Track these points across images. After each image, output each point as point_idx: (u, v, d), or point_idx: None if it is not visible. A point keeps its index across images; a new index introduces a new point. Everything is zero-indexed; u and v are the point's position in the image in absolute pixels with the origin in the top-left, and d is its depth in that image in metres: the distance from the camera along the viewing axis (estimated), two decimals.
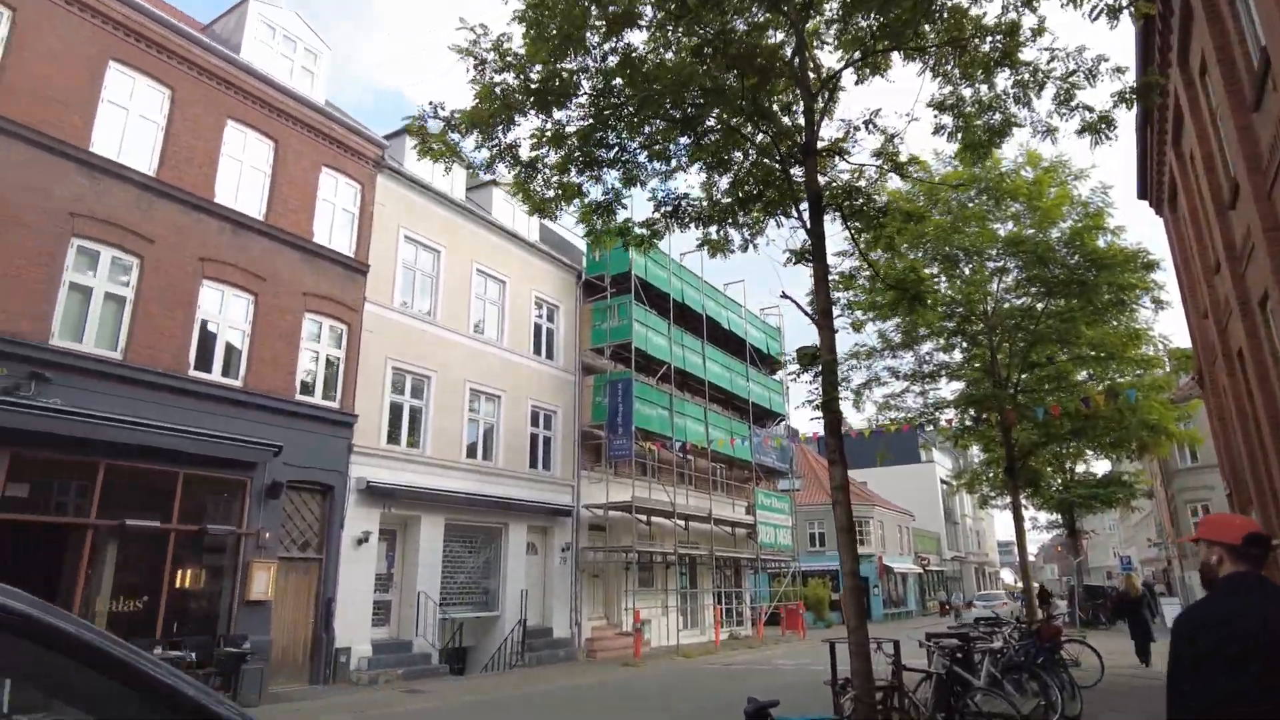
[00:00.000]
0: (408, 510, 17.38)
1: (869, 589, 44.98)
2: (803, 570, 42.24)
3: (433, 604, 17.31)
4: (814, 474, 49.21)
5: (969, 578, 67.47)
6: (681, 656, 21.62)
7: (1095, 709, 10.88)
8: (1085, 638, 13.47)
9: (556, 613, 20.93)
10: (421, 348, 18.45)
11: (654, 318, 24.11)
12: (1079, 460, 32.76)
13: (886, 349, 20.71)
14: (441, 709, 12.92)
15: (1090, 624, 30.99)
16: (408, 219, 18.80)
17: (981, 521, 74.63)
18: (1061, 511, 33.98)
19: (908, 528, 53.39)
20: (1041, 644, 10.64)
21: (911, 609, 50.08)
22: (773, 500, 29.57)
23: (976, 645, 9.40)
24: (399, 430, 17.80)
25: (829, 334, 8.08)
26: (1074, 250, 17.41)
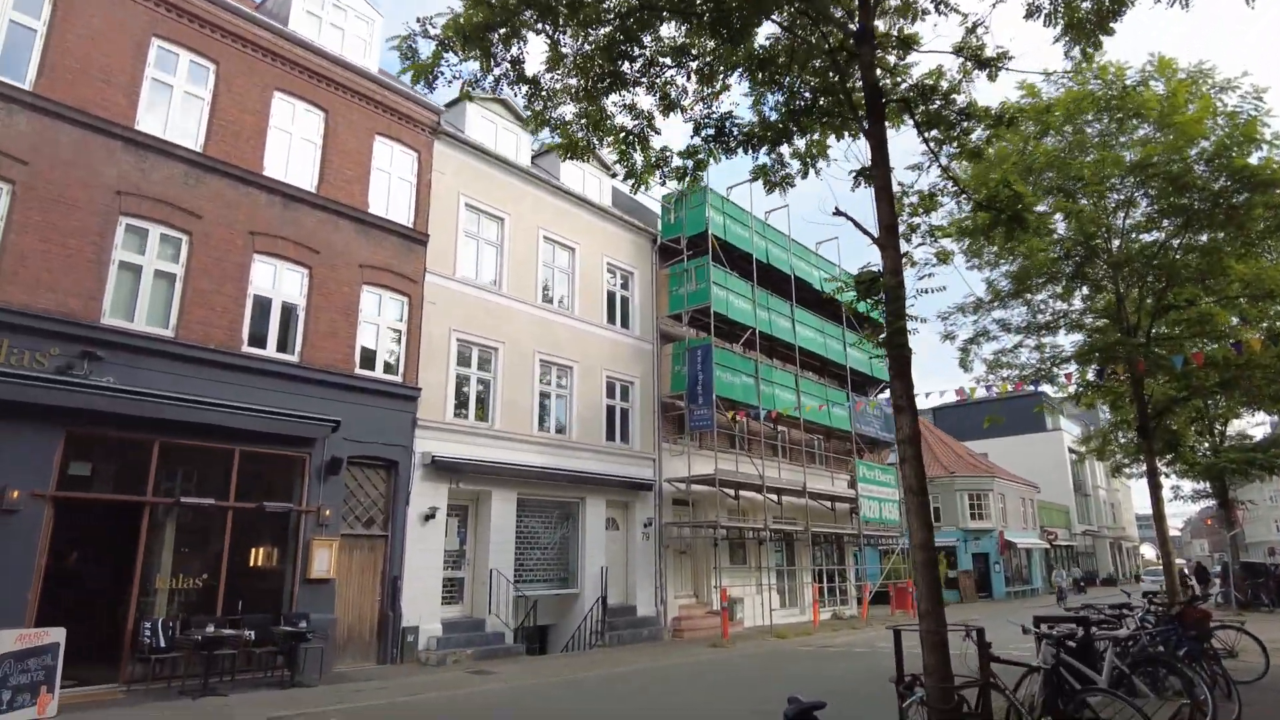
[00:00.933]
0: (477, 485, 16.80)
1: (989, 566, 42.05)
2: None
3: (506, 581, 16.69)
4: (927, 445, 46.36)
5: (1103, 553, 62.48)
6: (775, 637, 20.32)
7: (1259, 712, 8.93)
8: (1244, 623, 11.27)
9: (640, 591, 20.01)
10: (487, 319, 17.77)
11: (735, 280, 22.65)
12: (1230, 419, 29.18)
13: (995, 300, 18.57)
14: (505, 691, 12.21)
15: (1249, 606, 27.52)
16: (468, 186, 18.11)
17: (1117, 493, 68.95)
18: (1211, 479, 30.31)
19: (1032, 500, 49.64)
20: (1185, 631, 8.77)
21: (1037, 586, 46.58)
22: (876, 473, 27.61)
23: (1098, 633, 7.72)
24: (466, 404, 17.22)
25: (893, 254, 6.65)
26: (1219, 170, 14.81)
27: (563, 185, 20.62)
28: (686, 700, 11.59)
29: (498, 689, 12.41)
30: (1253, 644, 11.26)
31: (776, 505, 24.25)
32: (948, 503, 42.74)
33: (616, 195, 24.06)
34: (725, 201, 23.01)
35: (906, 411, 6.39)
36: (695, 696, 11.97)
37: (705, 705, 11.18)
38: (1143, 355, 14.99)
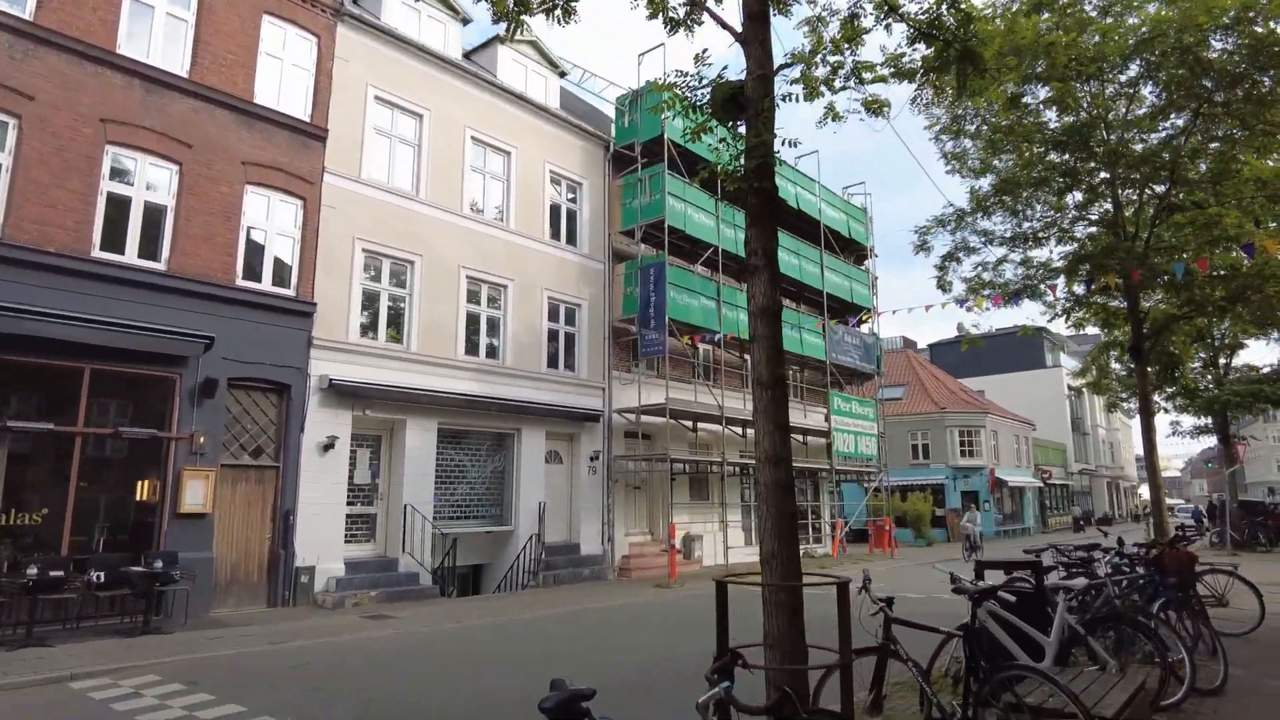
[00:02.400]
0: (389, 413, 15.11)
1: (979, 502, 40.68)
2: (901, 484, 38.60)
3: (422, 518, 15.12)
4: (919, 382, 44.69)
5: (1100, 493, 61.26)
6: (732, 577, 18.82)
7: (1250, 673, 7.28)
8: (1236, 566, 9.58)
9: (584, 528, 18.51)
10: (402, 228, 15.82)
11: (695, 191, 20.54)
12: (1235, 349, 27.28)
13: (979, 209, 16.54)
14: (388, 639, 10.68)
15: (1244, 546, 26.02)
16: (380, 77, 15.94)
17: (1117, 432, 67.41)
18: (1212, 414, 28.52)
19: (1027, 438, 48.09)
20: (1164, 578, 7.05)
21: (1029, 526, 45.38)
22: (853, 405, 25.87)
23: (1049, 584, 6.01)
24: (375, 323, 15.41)
25: (759, 51, 4.75)
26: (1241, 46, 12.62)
27: (498, 81, 18.38)
28: (575, 650, 10.03)
29: (383, 635, 10.90)
30: (1245, 590, 9.63)
31: (740, 439, 22.59)
32: (937, 439, 41.22)
33: (569, 100, 21.81)
34: None
35: (763, 273, 4.61)
36: (593, 643, 10.44)
37: (591, 656, 9.61)
38: (1138, 264, 13.01)
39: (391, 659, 9.23)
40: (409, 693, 7.66)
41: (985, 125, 15.78)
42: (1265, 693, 6.71)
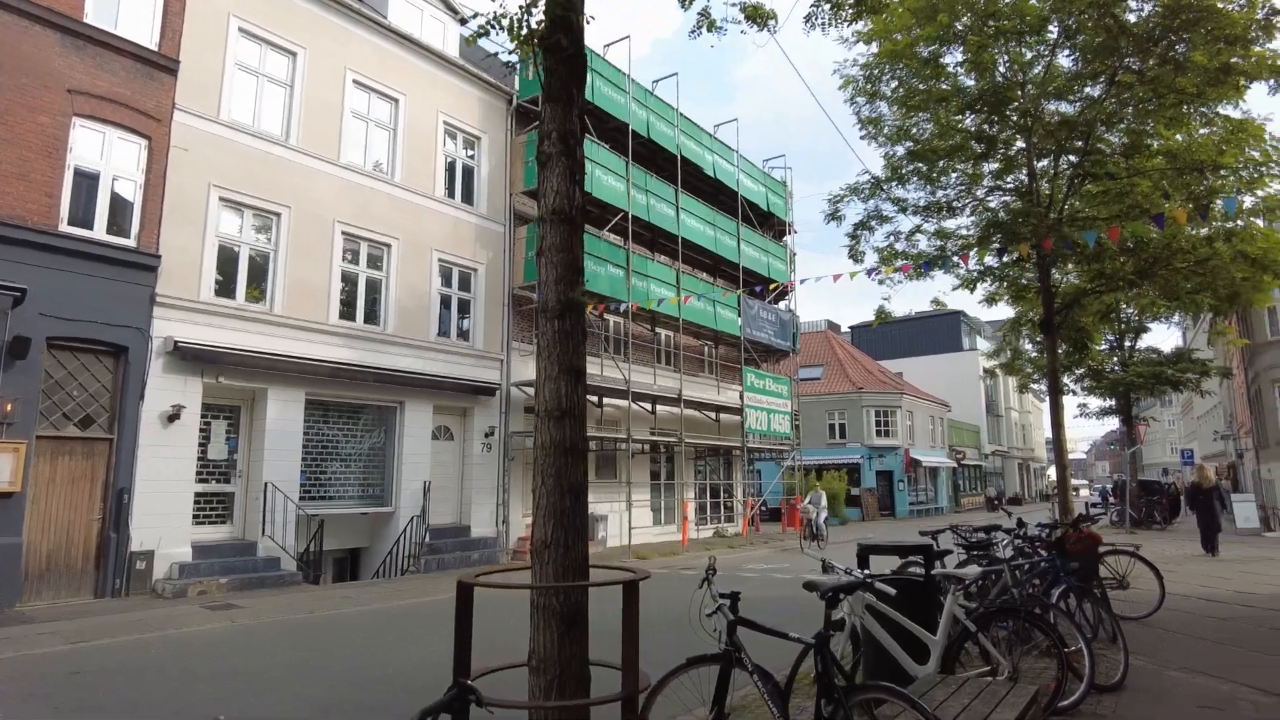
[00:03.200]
0: (249, 381, 13.56)
1: (893, 484, 41.03)
2: (817, 463, 38.51)
3: (284, 497, 13.66)
4: (838, 362, 44.70)
5: (1011, 473, 63.05)
6: (636, 558, 17.98)
7: (1151, 662, 6.66)
8: (1139, 547, 9.08)
9: (477, 509, 17.29)
10: (268, 175, 14.20)
11: (605, 153, 19.36)
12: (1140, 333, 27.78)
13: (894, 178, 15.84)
14: (221, 633, 9.31)
15: (1142, 524, 26.60)
16: (244, 7, 14.20)
17: (1029, 415, 69.48)
18: (1116, 396, 29.04)
19: (942, 419, 48.83)
20: (1066, 562, 6.32)
21: (942, 505, 46.13)
22: (767, 382, 25.24)
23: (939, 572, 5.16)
24: (233, 280, 13.78)
25: None
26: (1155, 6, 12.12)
27: (386, 22, 16.77)
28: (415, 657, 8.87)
29: (211, 630, 9.51)
30: (1146, 572, 9.15)
31: (650, 415, 21.69)
32: (854, 419, 41.31)
33: (472, 50, 20.27)
34: (596, 57, 19.49)
35: (557, 165, 3.53)
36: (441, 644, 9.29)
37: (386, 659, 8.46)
38: (1050, 232, 12.48)
39: (196, 660, 7.90)
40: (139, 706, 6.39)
41: (902, 88, 15.07)
42: (1166, 685, 6.06)
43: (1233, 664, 6.66)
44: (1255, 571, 13.72)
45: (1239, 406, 33.86)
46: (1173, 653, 7.11)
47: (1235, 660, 6.81)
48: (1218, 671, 6.40)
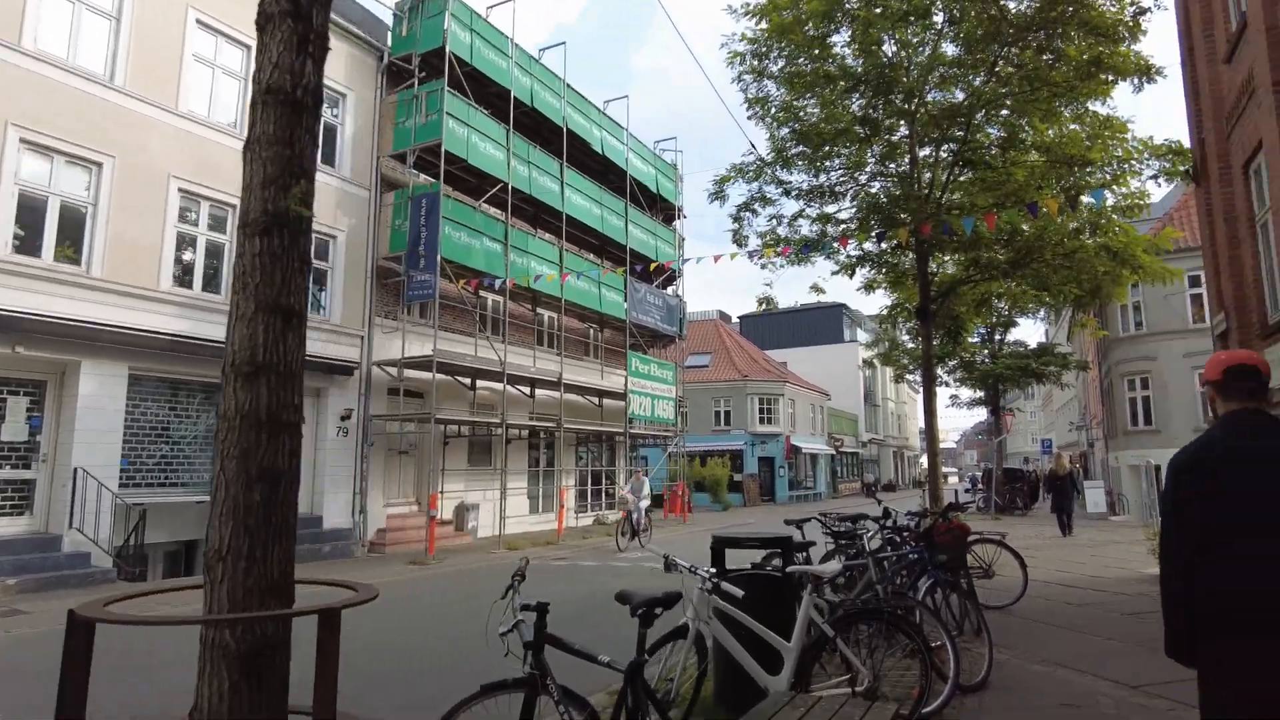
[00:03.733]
0: (57, 352, 11.83)
1: (774, 470, 41.68)
2: (702, 450, 38.58)
3: (99, 485, 12.03)
4: (725, 350, 44.98)
5: (887, 461, 65.63)
6: (507, 549, 17.10)
7: (1014, 656, 6.40)
8: (1005, 536, 8.97)
9: (331, 498, 15.96)
10: (86, 118, 12.41)
11: (484, 119, 18.23)
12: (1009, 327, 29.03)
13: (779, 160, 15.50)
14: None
15: (1006, 510, 27.82)
16: None
17: (904, 405, 72.50)
18: (986, 388, 30.30)
19: (822, 407, 50.06)
20: (934, 554, 5.94)
21: (820, 491, 47.32)
22: (652, 367, 24.77)
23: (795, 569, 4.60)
24: (39, 236, 11.97)
25: None
26: None
27: None
28: None
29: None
30: (1010, 560, 9.10)
31: (529, 399, 20.79)
32: (739, 406, 41.68)
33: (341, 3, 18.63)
34: (477, 18, 18.29)
35: (281, 29, 2.68)
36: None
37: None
38: (929, 217, 12.39)
39: None
40: None
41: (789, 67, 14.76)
42: (1029, 681, 5.78)
43: (1092, 654, 6.50)
44: (1104, 555, 14.24)
45: (1092, 399, 36.08)
46: (1035, 644, 6.92)
47: (1094, 650, 6.66)
48: (1078, 663, 6.19)
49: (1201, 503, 2.46)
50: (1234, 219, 9.55)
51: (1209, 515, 2.44)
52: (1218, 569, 2.42)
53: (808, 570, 4.30)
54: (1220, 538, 2.42)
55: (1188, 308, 24.11)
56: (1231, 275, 9.55)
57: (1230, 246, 9.62)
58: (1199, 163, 10.90)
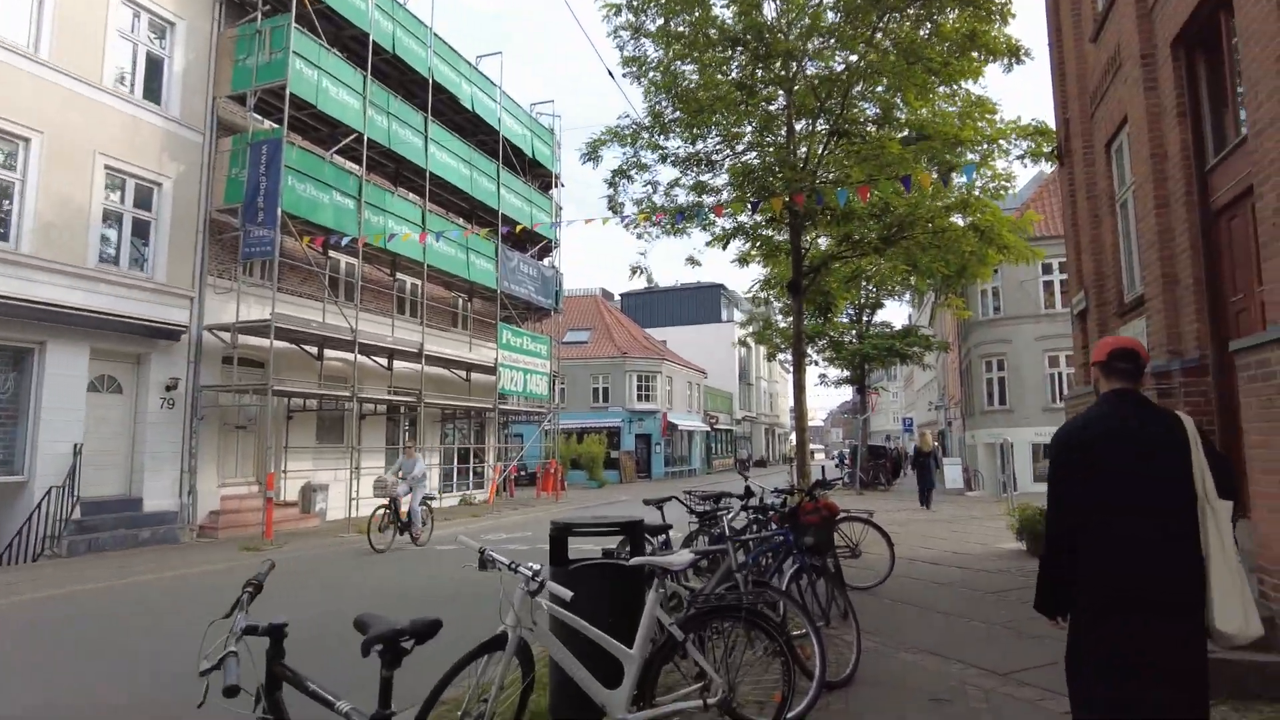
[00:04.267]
0: None
1: (651, 446, 41.61)
2: (579, 426, 37.96)
3: None
4: (605, 327, 44.36)
5: (759, 438, 67.22)
6: (358, 532, 15.78)
7: (882, 643, 6.00)
8: (872, 514, 8.70)
9: (153, 478, 14.18)
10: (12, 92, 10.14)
11: (336, 61, 16.58)
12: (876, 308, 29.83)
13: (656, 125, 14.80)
14: None
15: (870, 486, 28.70)
16: None
17: (776, 384, 74.40)
18: (853, 367, 31.09)
19: (699, 385, 50.45)
20: (800, 537, 5.40)
21: (696, 467, 47.75)
22: (525, 340, 23.75)
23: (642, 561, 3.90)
24: None
25: None
26: None
27: None
28: None
29: None
30: (877, 538, 8.86)
31: (387, 371, 19.37)
32: (617, 383, 41.25)
33: None
34: None
35: None
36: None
37: None
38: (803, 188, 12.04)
39: None
40: None
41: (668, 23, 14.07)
42: (897, 672, 5.36)
43: (959, 639, 6.20)
44: (964, 530, 14.54)
45: (951, 380, 37.83)
46: (903, 629, 6.58)
47: (961, 634, 6.37)
48: (946, 649, 5.85)
49: (1082, 478, 2.62)
50: (1095, 198, 9.60)
51: (1089, 492, 2.60)
52: (1096, 547, 2.57)
53: (652, 562, 3.60)
54: (1099, 516, 2.58)
55: (1040, 294, 25.35)
56: (1093, 254, 9.61)
57: (1092, 225, 9.69)
58: (1063, 143, 10.99)
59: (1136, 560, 2.52)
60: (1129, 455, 2.59)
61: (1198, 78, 6.80)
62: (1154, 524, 2.53)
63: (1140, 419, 2.65)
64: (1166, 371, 6.77)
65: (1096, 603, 2.57)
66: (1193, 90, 6.84)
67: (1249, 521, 6.31)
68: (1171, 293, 6.95)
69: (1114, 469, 2.58)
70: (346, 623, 2.52)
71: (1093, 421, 2.69)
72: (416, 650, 2.21)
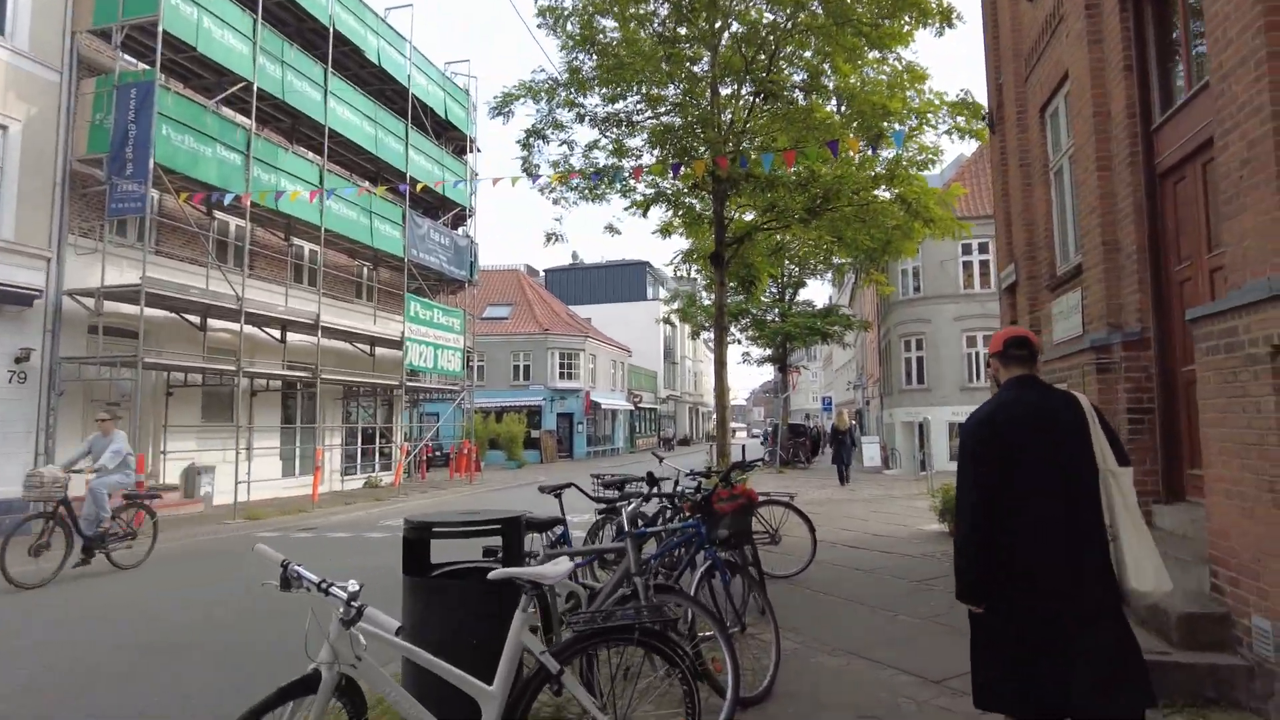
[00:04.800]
0: None
1: (573, 425, 40.78)
2: (499, 405, 36.87)
3: None
4: (526, 302, 43.10)
5: (683, 417, 67.16)
6: (246, 518, 14.54)
7: (803, 643, 5.38)
8: (793, 497, 8.13)
9: (1, 461, 12.57)
10: None
11: (222, 1, 14.95)
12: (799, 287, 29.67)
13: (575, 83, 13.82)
14: None
15: (789, 464, 28.62)
16: None
17: (701, 364, 74.36)
18: (775, 346, 30.88)
19: (623, 364, 49.79)
20: (713, 527, 4.67)
21: (619, 447, 47.19)
22: (435, 314, 22.48)
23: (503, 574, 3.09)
24: None
25: None
26: None
27: None
28: None
29: None
30: (797, 521, 8.29)
31: (280, 344, 17.91)
32: (539, 361, 40.17)
33: None
34: None
35: None
36: None
37: None
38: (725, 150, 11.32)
39: None
40: None
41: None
42: (820, 682, 4.72)
43: (887, 638, 5.63)
44: (884, 510, 14.25)
45: (870, 359, 38.17)
46: (825, 625, 5.98)
47: (888, 632, 5.80)
48: (873, 650, 5.25)
49: (994, 464, 2.70)
50: (1029, 165, 9.17)
51: (1002, 477, 2.68)
52: (1010, 531, 2.66)
53: (515, 574, 2.78)
54: (1011, 501, 2.67)
55: (960, 273, 25.49)
56: (1024, 225, 9.20)
57: (1024, 195, 9.26)
58: (994, 110, 10.56)
59: (1049, 541, 2.64)
60: (1036, 437, 2.71)
61: (1145, 29, 6.32)
62: (1064, 504, 2.66)
63: (1042, 402, 2.80)
64: (1106, 345, 6.32)
65: (1011, 584, 2.66)
66: (1139, 44, 6.36)
67: (1189, 505, 5.97)
68: (1113, 260, 6.50)
69: (1023, 452, 2.70)
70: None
71: (999, 408, 2.81)
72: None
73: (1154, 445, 6.04)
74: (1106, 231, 6.55)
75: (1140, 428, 6.09)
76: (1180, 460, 5.96)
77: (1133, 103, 6.34)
